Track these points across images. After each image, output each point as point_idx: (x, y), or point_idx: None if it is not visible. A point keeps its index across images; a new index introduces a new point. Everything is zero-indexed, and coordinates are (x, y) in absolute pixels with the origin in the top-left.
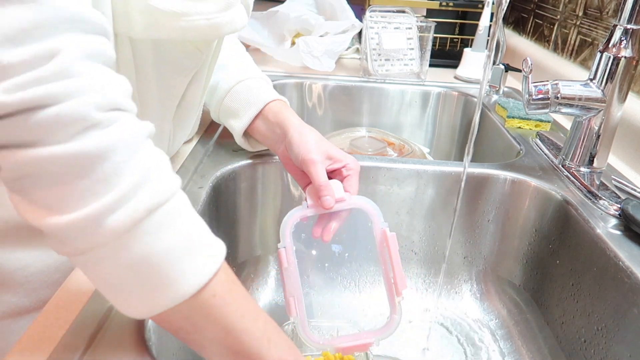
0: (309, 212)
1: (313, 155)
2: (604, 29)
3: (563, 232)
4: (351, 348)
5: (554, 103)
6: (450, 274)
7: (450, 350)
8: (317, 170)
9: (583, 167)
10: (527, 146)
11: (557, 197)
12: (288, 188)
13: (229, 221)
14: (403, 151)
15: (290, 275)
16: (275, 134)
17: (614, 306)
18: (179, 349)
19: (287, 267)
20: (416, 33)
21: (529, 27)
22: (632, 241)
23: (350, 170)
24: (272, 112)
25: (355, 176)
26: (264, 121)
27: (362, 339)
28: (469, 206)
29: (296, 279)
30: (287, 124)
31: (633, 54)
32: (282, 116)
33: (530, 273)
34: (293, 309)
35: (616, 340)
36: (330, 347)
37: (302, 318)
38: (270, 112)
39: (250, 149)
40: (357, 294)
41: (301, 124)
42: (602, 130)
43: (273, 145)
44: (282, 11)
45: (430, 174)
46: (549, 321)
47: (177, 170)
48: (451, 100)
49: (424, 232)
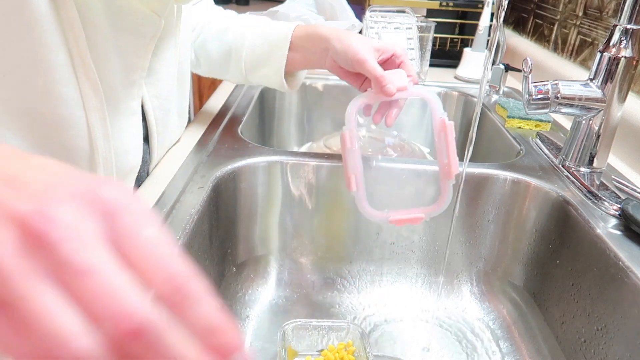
0: (372, 99)
1: (362, 54)
2: (604, 29)
3: (563, 232)
4: (404, 221)
5: (554, 103)
6: (450, 274)
7: (450, 351)
8: (370, 66)
9: (583, 167)
10: (527, 146)
11: (557, 197)
12: (288, 188)
13: (229, 221)
14: (403, 151)
15: (352, 155)
16: (316, 55)
17: (614, 306)
18: None
19: (349, 148)
20: (416, 33)
21: (529, 27)
22: (632, 241)
23: (399, 56)
24: (301, 38)
25: (406, 59)
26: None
27: (414, 213)
28: (469, 206)
29: (358, 158)
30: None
31: (633, 54)
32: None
33: (530, 273)
34: (353, 185)
35: (616, 340)
36: (385, 220)
37: (362, 193)
38: (301, 38)
39: (290, 90)
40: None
41: (335, 31)
42: (602, 130)
43: (319, 64)
44: (282, 11)
45: (430, 174)
46: (549, 321)
47: (177, 170)
48: (451, 100)
49: (424, 232)
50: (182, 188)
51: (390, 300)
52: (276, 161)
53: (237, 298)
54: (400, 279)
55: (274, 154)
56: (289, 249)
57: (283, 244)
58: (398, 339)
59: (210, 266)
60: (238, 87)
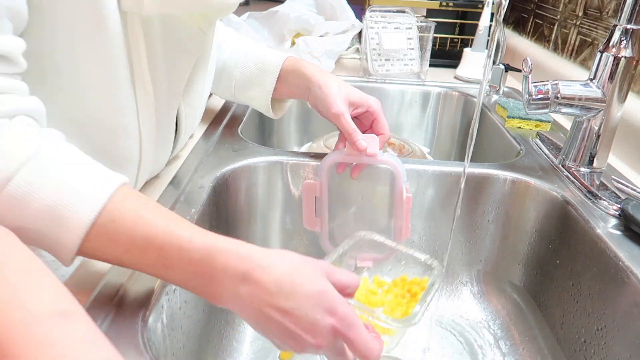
0: (347, 158)
1: (337, 108)
2: (604, 29)
3: (563, 232)
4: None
5: (554, 103)
6: (451, 274)
7: (450, 351)
8: (345, 121)
9: (583, 167)
10: (527, 146)
11: (557, 197)
12: (288, 188)
13: (229, 221)
14: (403, 151)
15: (321, 202)
16: (300, 89)
17: (614, 306)
18: (179, 349)
19: (319, 197)
20: (416, 33)
21: (529, 27)
22: (632, 241)
23: (374, 113)
24: (289, 71)
25: (381, 114)
26: (285, 82)
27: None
28: (469, 206)
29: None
30: (306, 79)
31: (633, 54)
32: (300, 71)
33: (530, 273)
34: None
35: (616, 340)
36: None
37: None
38: (288, 72)
39: (274, 115)
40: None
41: (319, 74)
42: (602, 130)
43: (302, 97)
44: (282, 11)
45: (430, 174)
46: (549, 321)
47: (177, 171)
48: (451, 100)
49: (424, 232)
50: (182, 188)
51: None
52: (276, 161)
53: None
54: None
55: (274, 154)
56: (289, 249)
57: (283, 244)
58: None
59: None
60: None
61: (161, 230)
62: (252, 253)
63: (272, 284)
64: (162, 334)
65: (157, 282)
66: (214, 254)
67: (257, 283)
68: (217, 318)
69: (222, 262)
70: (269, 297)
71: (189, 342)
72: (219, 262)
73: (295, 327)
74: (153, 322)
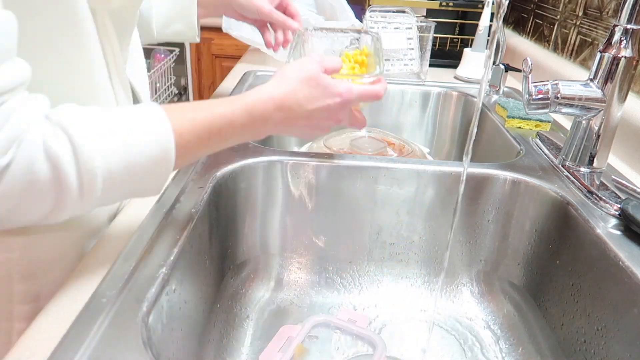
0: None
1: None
2: (604, 29)
3: (563, 232)
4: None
5: (554, 103)
6: (450, 274)
7: (450, 351)
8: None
9: (583, 167)
10: (527, 146)
11: (557, 197)
12: (288, 188)
13: (229, 221)
14: (403, 151)
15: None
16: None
17: (614, 306)
18: (179, 349)
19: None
20: (416, 33)
21: (529, 27)
22: (632, 241)
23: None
24: None
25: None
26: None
27: None
28: (469, 206)
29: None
30: None
31: (633, 54)
32: None
33: (530, 273)
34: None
35: (616, 340)
36: None
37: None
38: None
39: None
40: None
41: None
42: (602, 130)
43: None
44: None
45: (430, 174)
46: (549, 321)
47: (177, 171)
48: (451, 100)
49: (424, 232)
50: (182, 188)
51: (390, 300)
52: (276, 161)
53: (237, 298)
54: (400, 279)
55: (274, 154)
56: (289, 249)
57: (283, 244)
58: (398, 339)
59: (210, 266)
60: (238, 87)
61: (211, 118)
62: (271, 94)
63: (294, 104)
64: (162, 334)
65: (157, 282)
66: (252, 112)
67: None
68: (217, 318)
69: (258, 113)
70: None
71: (189, 342)
72: (257, 114)
73: (319, 121)
74: (153, 322)
